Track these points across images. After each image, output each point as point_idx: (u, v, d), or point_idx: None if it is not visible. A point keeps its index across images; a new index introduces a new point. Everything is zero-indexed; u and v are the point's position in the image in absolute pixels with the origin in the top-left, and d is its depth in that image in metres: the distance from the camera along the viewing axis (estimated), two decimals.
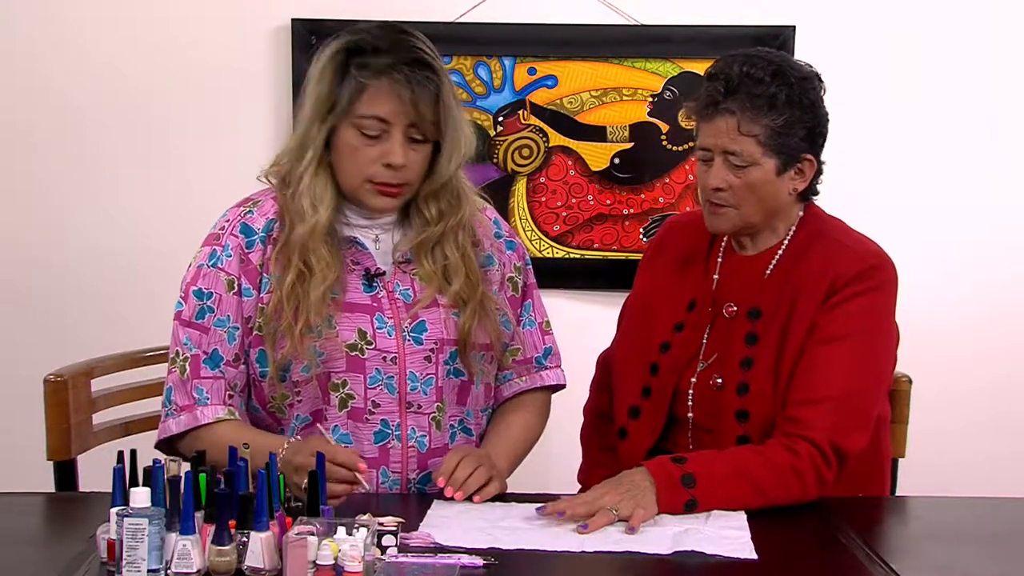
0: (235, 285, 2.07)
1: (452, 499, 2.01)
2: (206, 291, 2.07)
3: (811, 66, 2.17)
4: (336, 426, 2.08)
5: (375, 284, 2.10)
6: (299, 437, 2.04)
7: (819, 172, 2.19)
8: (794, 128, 2.11)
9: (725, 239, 2.26)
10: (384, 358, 2.08)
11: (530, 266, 2.29)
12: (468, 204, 2.14)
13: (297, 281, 2.03)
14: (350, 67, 2.02)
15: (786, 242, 2.20)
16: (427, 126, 2.03)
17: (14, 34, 3.17)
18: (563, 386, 2.31)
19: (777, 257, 2.19)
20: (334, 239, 2.07)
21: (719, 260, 2.26)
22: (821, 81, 2.16)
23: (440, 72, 2.04)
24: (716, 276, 2.24)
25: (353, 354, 2.07)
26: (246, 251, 2.08)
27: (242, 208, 2.12)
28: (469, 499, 2.00)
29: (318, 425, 2.07)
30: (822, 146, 2.18)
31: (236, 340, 2.08)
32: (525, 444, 2.24)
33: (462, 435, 2.17)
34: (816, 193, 2.23)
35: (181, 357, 2.07)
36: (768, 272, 2.19)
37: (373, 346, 2.07)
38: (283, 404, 2.09)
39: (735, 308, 2.19)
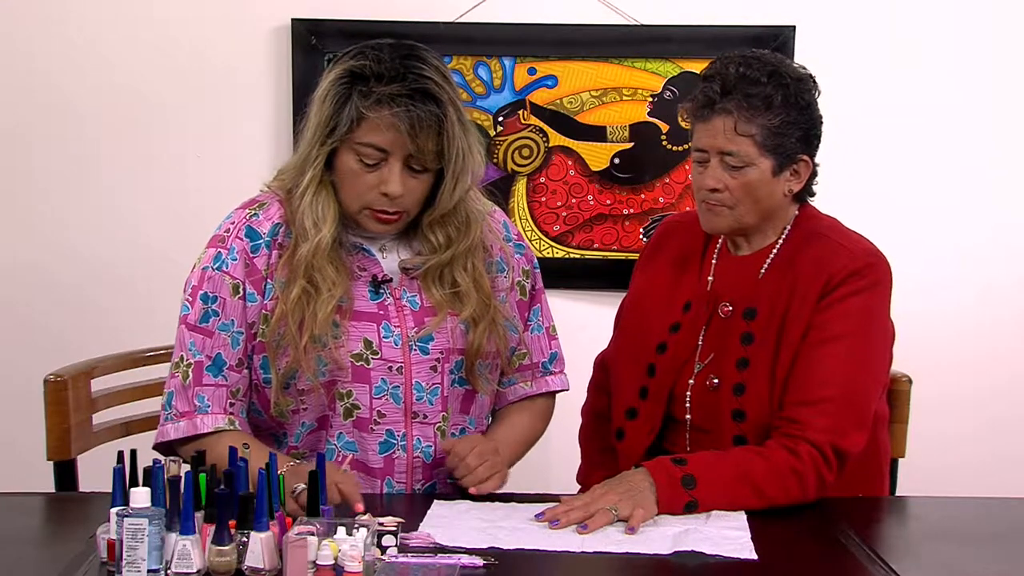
0: (240, 289, 2.06)
1: (452, 499, 2.01)
2: (211, 295, 2.06)
3: (805, 68, 2.18)
4: (341, 433, 2.08)
5: (382, 291, 2.10)
6: (299, 461, 2.03)
7: (814, 174, 2.20)
8: (790, 129, 2.11)
9: (720, 239, 2.26)
10: (390, 368, 2.07)
11: (538, 270, 2.28)
12: (478, 226, 2.11)
13: (303, 297, 2.02)
14: (353, 94, 1.98)
15: (780, 242, 2.20)
16: (427, 157, 1.99)
17: (14, 34, 3.17)
18: (566, 390, 2.31)
19: (771, 257, 2.20)
20: (340, 251, 2.06)
21: (714, 260, 2.26)
22: (815, 83, 2.17)
23: (445, 103, 1.98)
24: (711, 277, 2.24)
25: (359, 364, 2.06)
26: (251, 256, 2.07)
27: (247, 211, 2.11)
28: (468, 495, 2.00)
29: (327, 440, 2.08)
30: (817, 147, 2.18)
31: (240, 345, 2.06)
32: (526, 446, 2.24)
33: None
34: (812, 194, 2.24)
35: (184, 362, 2.06)
36: (763, 272, 2.19)
37: (379, 356, 2.07)
38: (286, 410, 2.08)
39: (731, 308, 2.19)
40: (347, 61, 2.02)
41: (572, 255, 3.22)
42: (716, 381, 2.16)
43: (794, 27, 3.12)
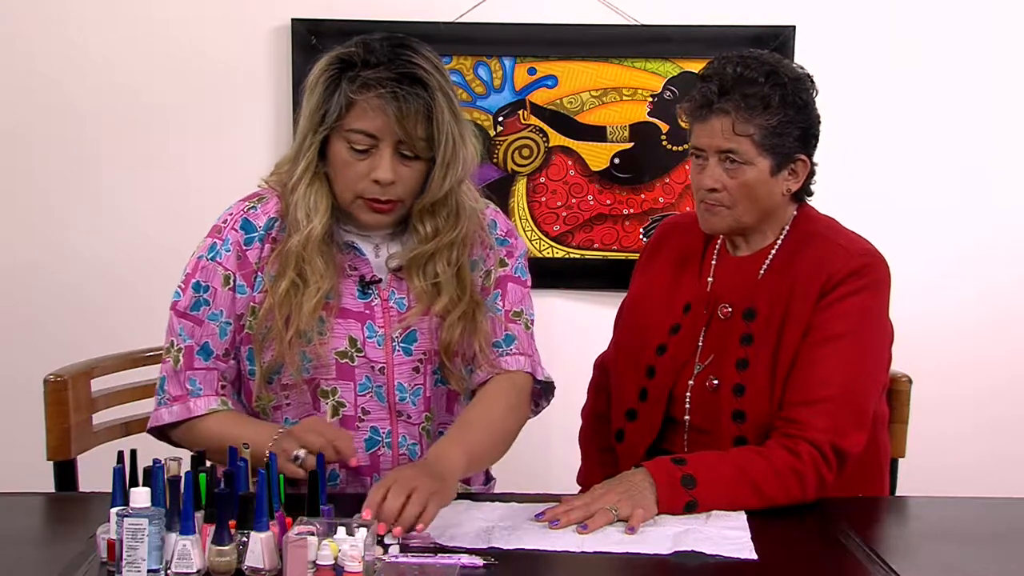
0: (231, 280, 2.07)
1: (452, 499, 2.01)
2: (203, 284, 2.07)
3: (803, 68, 2.18)
4: None
5: (369, 291, 2.09)
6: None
7: (812, 173, 2.20)
8: (788, 128, 2.12)
9: (719, 240, 2.26)
10: (373, 367, 2.08)
11: (519, 261, 2.21)
12: (467, 220, 2.09)
13: (291, 290, 2.03)
14: (341, 80, 1.99)
15: (779, 242, 2.20)
16: (417, 143, 1.98)
17: (14, 34, 3.17)
18: (538, 380, 2.17)
19: (770, 257, 2.20)
20: (331, 246, 2.06)
21: (714, 261, 2.26)
22: (813, 82, 2.17)
23: (434, 88, 1.97)
24: (711, 278, 2.24)
25: (343, 361, 2.07)
26: (244, 248, 2.08)
27: (247, 203, 2.12)
28: (463, 497, 1.98)
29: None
30: (815, 147, 2.19)
31: (228, 335, 2.08)
32: (490, 439, 2.05)
33: None
34: (810, 194, 2.24)
35: (175, 348, 2.08)
36: (762, 272, 2.19)
37: (363, 355, 2.07)
38: (268, 406, 2.10)
39: (730, 309, 2.19)
40: (337, 49, 2.03)
41: (572, 255, 3.22)
42: (716, 382, 2.16)
43: (794, 27, 3.12)
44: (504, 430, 2.09)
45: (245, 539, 1.62)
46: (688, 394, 2.19)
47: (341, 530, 1.63)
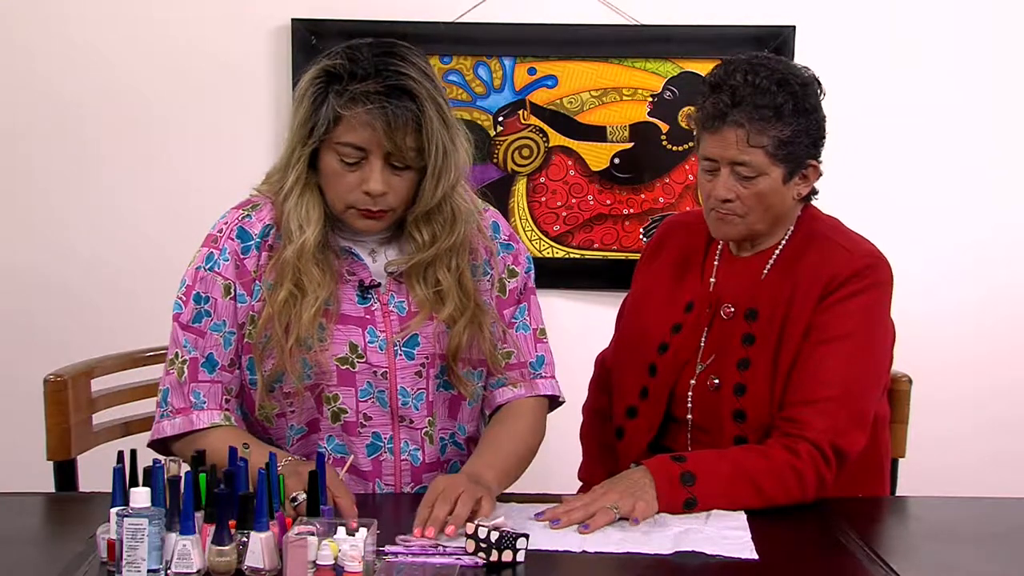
0: (231, 290, 2.06)
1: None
2: (204, 295, 2.05)
3: (808, 69, 2.17)
4: (331, 436, 2.08)
5: (369, 296, 2.09)
6: (298, 457, 2.03)
7: (819, 175, 2.20)
8: (800, 137, 2.10)
9: (722, 241, 2.26)
10: (375, 372, 2.07)
11: (530, 272, 2.22)
12: (464, 224, 2.07)
13: (289, 300, 2.01)
14: (328, 94, 1.97)
15: (783, 243, 2.20)
16: (407, 154, 1.97)
17: (13, 34, 3.17)
18: (559, 400, 2.22)
19: (774, 258, 2.19)
20: (327, 254, 2.05)
21: (716, 261, 2.26)
22: (820, 85, 2.16)
23: (423, 98, 1.95)
24: (713, 278, 2.24)
25: (344, 367, 2.06)
26: (242, 256, 2.06)
27: (241, 211, 2.10)
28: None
29: (319, 443, 2.08)
30: (823, 148, 2.18)
31: (232, 345, 2.06)
32: (517, 457, 2.09)
33: (453, 448, 2.15)
34: (816, 193, 2.24)
35: (180, 359, 2.06)
36: (765, 273, 2.19)
37: (364, 360, 2.06)
38: (271, 414, 2.08)
39: (732, 309, 2.19)
40: (324, 60, 2.01)
41: (572, 255, 3.22)
42: (717, 382, 2.16)
43: (794, 27, 3.12)
44: (529, 449, 2.14)
45: (245, 539, 1.62)
46: (689, 393, 2.19)
47: (341, 530, 1.63)
